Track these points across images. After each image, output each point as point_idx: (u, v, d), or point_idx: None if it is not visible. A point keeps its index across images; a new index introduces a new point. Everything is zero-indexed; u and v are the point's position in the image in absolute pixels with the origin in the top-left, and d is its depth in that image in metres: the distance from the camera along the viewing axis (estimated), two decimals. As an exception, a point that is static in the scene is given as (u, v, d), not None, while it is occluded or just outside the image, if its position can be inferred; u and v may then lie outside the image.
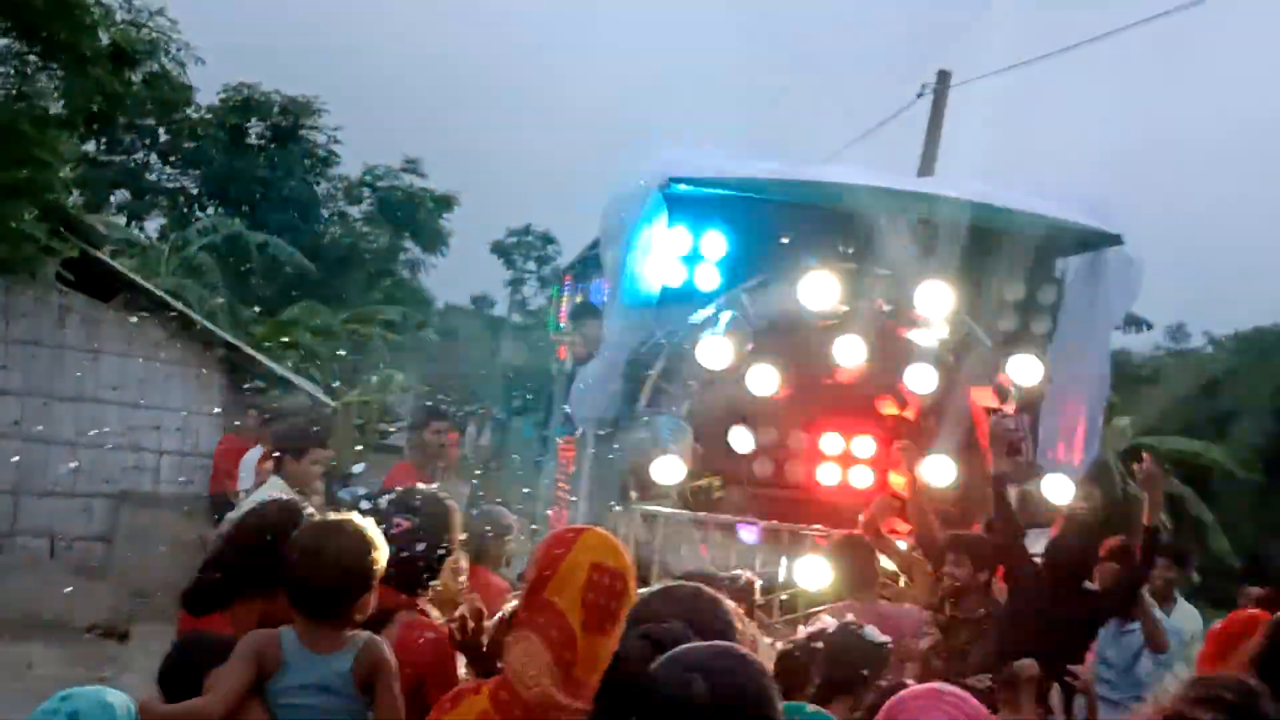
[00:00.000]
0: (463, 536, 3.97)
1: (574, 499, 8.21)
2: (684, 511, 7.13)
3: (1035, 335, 7.75)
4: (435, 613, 3.72)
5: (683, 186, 7.07)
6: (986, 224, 7.51)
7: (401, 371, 27.13)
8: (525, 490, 10.32)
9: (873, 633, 4.01)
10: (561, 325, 10.33)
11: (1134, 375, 26.81)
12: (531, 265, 52.34)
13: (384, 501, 3.78)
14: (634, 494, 7.11)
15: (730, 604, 3.12)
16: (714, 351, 7.17)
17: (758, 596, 5.43)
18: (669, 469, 7.07)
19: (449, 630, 3.46)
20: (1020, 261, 7.74)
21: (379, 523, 3.42)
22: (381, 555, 3.26)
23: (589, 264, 9.06)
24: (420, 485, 4.05)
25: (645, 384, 7.38)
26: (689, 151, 7.38)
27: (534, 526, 9.42)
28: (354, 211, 32.84)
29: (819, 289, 7.23)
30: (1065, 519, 6.69)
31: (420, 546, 3.64)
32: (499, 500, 7.22)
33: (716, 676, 1.98)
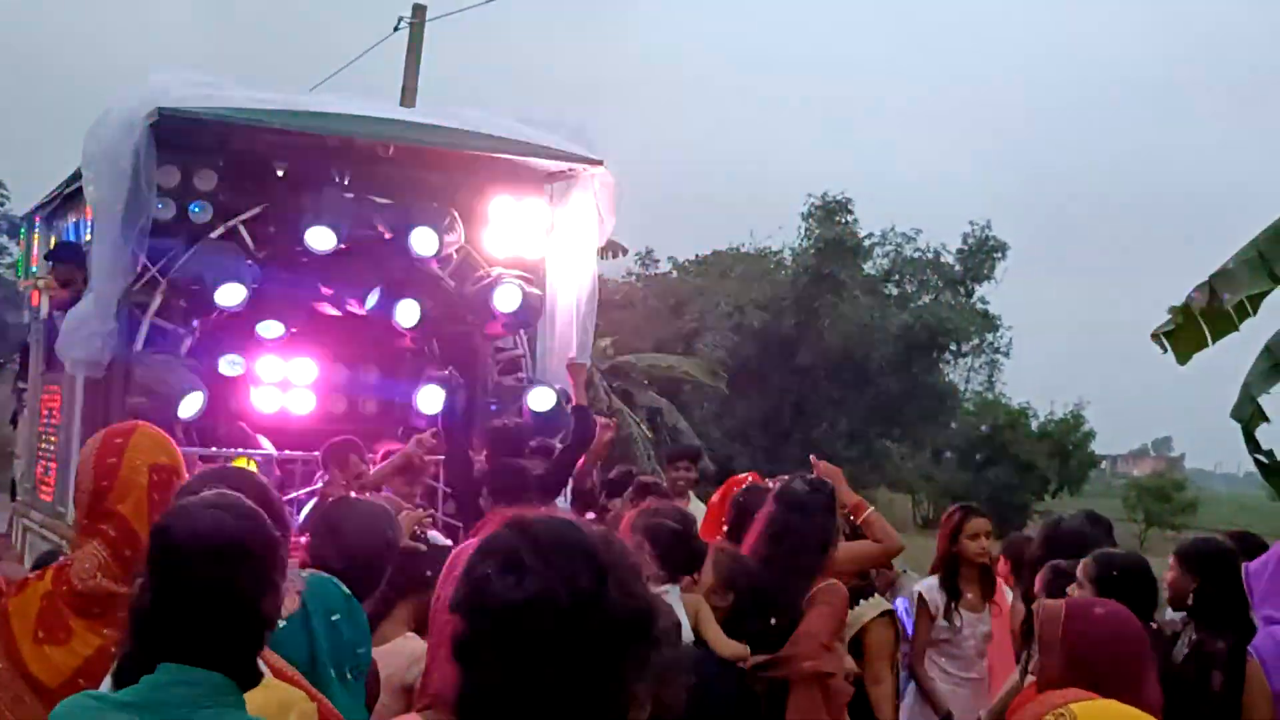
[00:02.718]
0: None
1: (63, 448, 7.76)
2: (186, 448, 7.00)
3: (531, 260, 8.13)
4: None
5: (172, 117, 6.77)
6: (478, 150, 7.80)
7: None
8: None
9: (436, 537, 4.17)
10: (35, 269, 9.58)
11: (610, 299, 28.45)
12: (-24, 213, 47.03)
13: None
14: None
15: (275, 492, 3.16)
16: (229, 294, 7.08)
17: None
18: (188, 406, 6.91)
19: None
20: (512, 186, 8.09)
21: None
22: None
23: (64, 202, 8.47)
24: None
25: (143, 322, 7.09)
26: (178, 80, 7.06)
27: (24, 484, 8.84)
28: None
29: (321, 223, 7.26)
30: None
31: None
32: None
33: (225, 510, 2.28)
